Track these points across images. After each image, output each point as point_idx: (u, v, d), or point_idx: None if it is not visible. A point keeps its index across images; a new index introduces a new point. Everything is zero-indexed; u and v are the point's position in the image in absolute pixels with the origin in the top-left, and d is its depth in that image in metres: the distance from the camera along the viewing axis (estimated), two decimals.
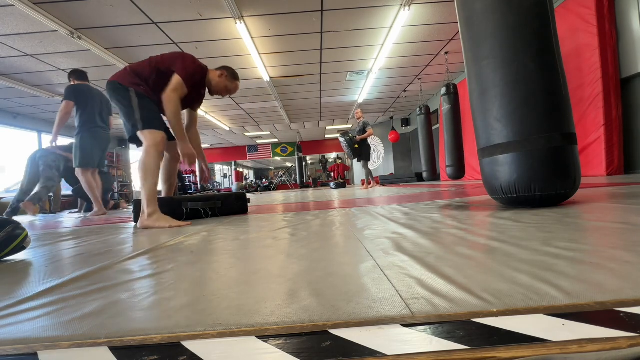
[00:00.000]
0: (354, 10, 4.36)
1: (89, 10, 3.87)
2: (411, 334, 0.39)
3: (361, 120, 6.34)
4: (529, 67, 1.35)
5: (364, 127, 6.23)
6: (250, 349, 0.39)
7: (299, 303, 0.52)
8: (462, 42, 1.60)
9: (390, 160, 12.40)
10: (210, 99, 7.81)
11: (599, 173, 3.65)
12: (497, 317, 0.42)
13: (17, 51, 4.70)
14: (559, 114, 1.35)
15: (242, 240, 1.21)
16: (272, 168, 29.38)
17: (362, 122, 6.29)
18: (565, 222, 1.03)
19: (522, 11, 1.36)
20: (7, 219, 1.14)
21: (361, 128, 6.26)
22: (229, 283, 0.67)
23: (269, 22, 4.49)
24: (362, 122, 6.29)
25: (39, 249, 1.35)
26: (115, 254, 1.12)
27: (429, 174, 7.75)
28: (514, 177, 1.38)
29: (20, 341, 0.46)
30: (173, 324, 0.48)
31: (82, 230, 2.13)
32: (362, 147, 6.33)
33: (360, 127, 6.28)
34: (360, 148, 6.31)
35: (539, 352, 0.33)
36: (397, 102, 9.62)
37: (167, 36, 4.65)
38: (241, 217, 2.24)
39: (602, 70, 3.58)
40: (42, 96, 6.45)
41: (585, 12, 3.73)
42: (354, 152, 6.28)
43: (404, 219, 1.46)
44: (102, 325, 0.49)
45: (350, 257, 0.82)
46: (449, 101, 6.01)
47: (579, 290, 0.48)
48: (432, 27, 5.02)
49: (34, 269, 0.97)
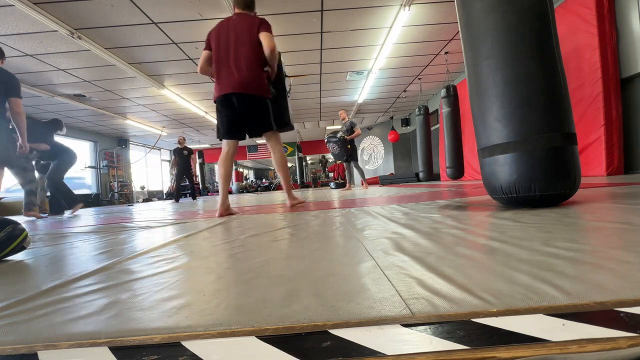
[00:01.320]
0: (354, 10, 4.36)
1: (89, 10, 3.87)
2: (411, 334, 0.39)
3: (347, 121, 6.30)
4: (529, 67, 1.35)
5: (351, 127, 6.18)
6: (250, 349, 0.39)
7: (299, 303, 0.52)
8: (462, 42, 1.60)
9: (390, 160, 12.40)
10: (211, 98, 7.81)
11: (599, 173, 3.65)
12: (497, 317, 0.42)
13: (17, 51, 4.70)
14: (559, 114, 1.35)
15: (242, 240, 1.21)
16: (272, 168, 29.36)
17: (349, 122, 6.25)
18: (565, 222, 1.03)
19: (522, 11, 1.36)
20: (7, 219, 1.14)
21: (348, 128, 6.21)
22: (229, 283, 0.67)
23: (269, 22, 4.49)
24: (349, 122, 6.25)
25: (39, 249, 1.35)
26: (115, 254, 1.12)
27: (425, 174, 7.76)
28: (514, 177, 1.38)
29: (20, 341, 0.46)
30: (173, 324, 0.48)
31: (82, 230, 2.12)
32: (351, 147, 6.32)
33: (347, 127, 6.23)
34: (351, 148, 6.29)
35: (539, 352, 0.33)
36: (397, 102, 9.61)
37: (167, 36, 4.65)
38: (239, 217, 2.23)
39: (602, 70, 3.58)
40: (42, 96, 6.45)
41: (585, 12, 3.73)
42: (346, 152, 6.23)
43: (403, 219, 1.46)
44: (102, 325, 0.49)
45: (350, 257, 0.82)
46: (448, 103, 6.02)
47: (579, 290, 0.48)
48: (432, 27, 5.02)
49: (34, 269, 0.97)
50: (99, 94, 6.84)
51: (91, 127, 9.57)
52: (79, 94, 6.73)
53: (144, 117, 9.01)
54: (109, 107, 7.85)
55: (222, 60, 2.35)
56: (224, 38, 2.37)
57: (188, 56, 5.38)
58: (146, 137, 11.58)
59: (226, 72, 2.32)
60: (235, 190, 15.22)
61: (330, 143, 6.36)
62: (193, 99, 7.79)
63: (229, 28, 2.39)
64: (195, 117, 9.33)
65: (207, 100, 7.90)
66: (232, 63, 2.32)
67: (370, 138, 13.14)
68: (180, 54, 5.25)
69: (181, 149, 7.49)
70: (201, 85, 6.80)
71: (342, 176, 15.18)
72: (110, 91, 6.73)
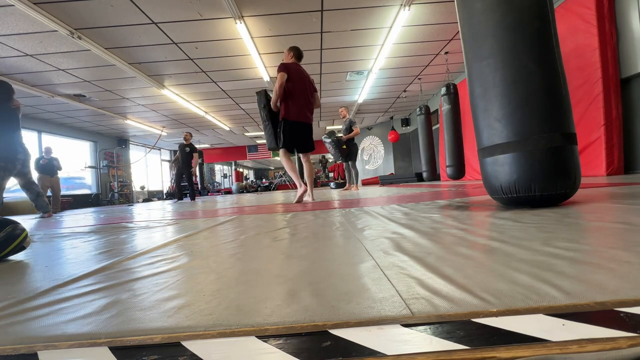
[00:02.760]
0: (354, 10, 4.36)
1: (89, 10, 3.87)
2: (411, 334, 0.39)
3: (347, 119, 6.23)
4: (529, 67, 1.35)
5: (350, 126, 6.11)
6: (250, 349, 0.39)
7: (299, 303, 0.52)
8: (462, 42, 1.60)
9: (390, 160, 12.41)
10: (211, 98, 7.81)
11: (599, 173, 3.65)
12: (497, 317, 0.42)
13: (17, 51, 4.70)
14: (559, 114, 1.35)
15: (242, 240, 1.21)
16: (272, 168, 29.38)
17: (348, 120, 6.18)
18: (565, 222, 1.03)
19: (522, 11, 1.36)
20: (7, 219, 1.14)
21: (347, 127, 6.14)
22: (229, 283, 0.67)
23: (269, 22, 4.49)
24: (348, 120, 6.18)
25: (39, 249, 1.35)
26: (115, 253, 1.12)
27: (428, 174, 7.75)
28: (514, 177, 1.38)
29: (20, 341, 0.46)
30: (173, 324, 0.48)
31: (82, 230, 2.12)
32: (349, 147, 6.21)
33: (346, 125, 6.17)
34: (348, 148, 6.19)
35: (539, 352, 0.33)
36: (397, 102, 9.61)
37: (167, 36, 4.65)
38: (239, 217, 2.23)
39: (602, 70, 3.58)
40: (42, 96, 6.45)
41: (585, 12, 3.73)
42: (341, 152, 6.15)
43: (404, 219, 1.46)
44: (102, 325, 0.49)
45: (350, 257, 0.82)
46: (448, 101, 6.01)
47: (579, 290, 0.48)
48: (432, 27, 5.02)
49: (34, 269, 0.97)
50: (99, 94, 6.84)
51: (91, 127, 9.58)
52: (79, 94, 6.73)
53: (144, 117, 9.01)
54: (109, 107, 7.85)
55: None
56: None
57: (188, 56, 5.38)
58: (146, 137, 11.59)
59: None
60: (235, 190, 15.21)
61: (325, 142, 6.34)
62: (193, 99, 7.79)
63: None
64: (195, 117, 9.33)
65: (207, 100, 7.90)
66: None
67: (370, 138, 13.14)
68: (180, 54, 5.25)
69: (184, 145, 7.37)
70: (201, 85, 6.80)
71: (342, 176, 15.18)
72: (110, 91, 6.73)
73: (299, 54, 3.44)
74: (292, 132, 3.23)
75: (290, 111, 3.21)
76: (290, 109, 3.22)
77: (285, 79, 3.16)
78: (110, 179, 10.71)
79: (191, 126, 10.61)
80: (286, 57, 3.45)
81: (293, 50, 3.40)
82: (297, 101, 3.23)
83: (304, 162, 3.53)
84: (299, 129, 3.26)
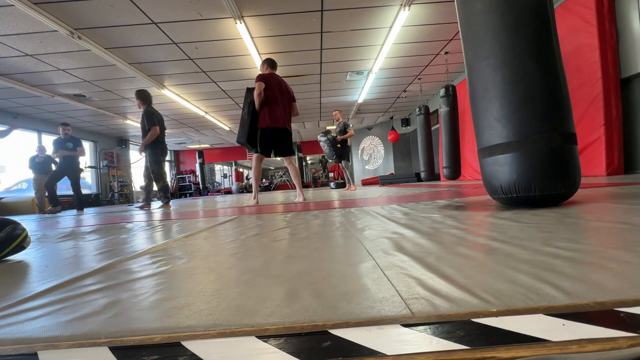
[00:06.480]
0: (354, 10, 4.36)
1: (89, 10, 3.87)
2: (411, 334, 0.39)
3: (341, 122, 6.36)
4: (529, 67, 1.35)
5: (344, 128, 6.24)
6: (250, 349, 0.39)
7: (299, 303, 0.52)
8: (462, 42, 1.60)
9: (390, 160, 12.41)
10: (211, 98, 7.81)
11: (599, 173, 3.65)
12: (497, 317, 0.42)
13: (17, 51, 4.70)
14: (559, 114, 1.35)
15: (242, 240, 1.21)
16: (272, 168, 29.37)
17: (343, 123, 6.31)
18: (565, 222, 1.03)
19: (522, 11, 1.36)
20: (7, 219, 1.14)
21: (342, 129, 6.27)
22: (228, 283, 0.67)
23: (269, 22, 4.49)
24: (343, 123, 6.31)
25: (39, 249, 1.35)
26: (115, 254, 1.12)
27: (427, 174, 7.75)
28: (514, 177, 1.38)
29: (20, 341, 0.46)
30: (173, 324, 0.48)
31: (80, 230, 2.12)
32: (343, 147, 6.38)
33: (340, 127, 6.30)
34: (342, 148, 6.36)
35: (539, 352, 0.33)
36: (397, 102, 9.61)
37: (167, 36, 4.65)
38: (240, 217, 2.23)
39: (602, 70, 3.58)
40: (42, 96, 6.45)
41: (585, 12, 3.73)
42: (335, 151, 6.31)
43: (403, 219, 1.46)
44: (102, 325, 0.49)
45: (350, 257, 0.82)
46: (447, 103, 6.02)
47: (579, 290, 0.48)
48: (432, 27, 5.02)
49: (34, 269, 0.97)
50: (99, 94, 6.84)
51: (91, 127, 9.58)
52: (79, 94, 6.73)
53: None
54: (109, 107, 7.85)
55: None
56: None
57: (188, 56, 5.38)
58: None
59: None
60: (235, 190, 15.21)
61: (321, 141, 6.43)
62: (193, 99, 7.79)
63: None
64: (195, 117, 9.33)
65: (207, 100, 7.90)
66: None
67: (370, 138, 13.14)
68: (180, 54, 5.25)
69: (64, 140, 5.45)
70: (201, 85, 6.80)
71: (342, 176, 15.18)
72: (110, 91, 6.73)
73: (272, 63, 3.69)
74: (267, 138, 3.52)
75: (267, 118, 3.48)
76: (266, 116, 3.48)
77: (262, 87, 3.42)
78: (110, 179, 10.71)
79: (191, 126, 10.61)
80: (262, 70, 3.70)
81: (266, 62, 3.67)
82: (273, 108, 3.50)
83: (287, 165, 3.81)
84: (274, 134, 3.52)
